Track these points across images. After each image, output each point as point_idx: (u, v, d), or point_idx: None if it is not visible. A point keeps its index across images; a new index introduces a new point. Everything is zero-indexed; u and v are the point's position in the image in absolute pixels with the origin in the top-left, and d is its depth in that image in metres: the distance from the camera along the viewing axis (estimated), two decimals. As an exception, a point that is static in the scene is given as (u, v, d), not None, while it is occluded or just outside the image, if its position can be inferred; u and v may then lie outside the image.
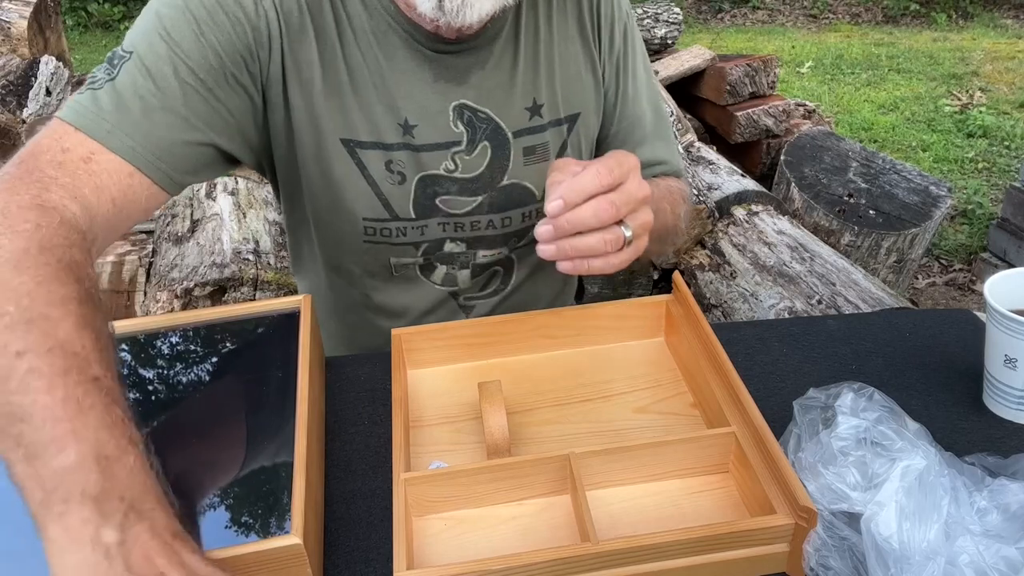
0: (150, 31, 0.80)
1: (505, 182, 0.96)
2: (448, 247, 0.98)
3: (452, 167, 0.93)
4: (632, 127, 1.06)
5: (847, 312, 1.93)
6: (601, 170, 0.72)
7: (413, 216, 0.94)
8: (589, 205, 0.72)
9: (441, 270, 1.01)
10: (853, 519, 0.61)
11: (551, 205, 0.72)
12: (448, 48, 0.89)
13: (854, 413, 0.65)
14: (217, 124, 0.83)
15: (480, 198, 0.96)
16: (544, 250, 0.75)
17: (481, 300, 1.06)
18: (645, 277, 2.45)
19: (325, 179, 0.92)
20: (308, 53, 0.86)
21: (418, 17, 0.85)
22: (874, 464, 0.61)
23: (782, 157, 2.93)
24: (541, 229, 0.74)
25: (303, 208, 0.97)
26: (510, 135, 0.95)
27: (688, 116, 3.19)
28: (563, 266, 0.76)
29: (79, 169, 0.74)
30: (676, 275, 0.92)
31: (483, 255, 1.01)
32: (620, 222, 0.74)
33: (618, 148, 0.98)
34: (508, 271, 1.06)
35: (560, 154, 1.00)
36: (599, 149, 1.06)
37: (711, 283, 2.29)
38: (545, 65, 0.95)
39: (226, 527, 0.63)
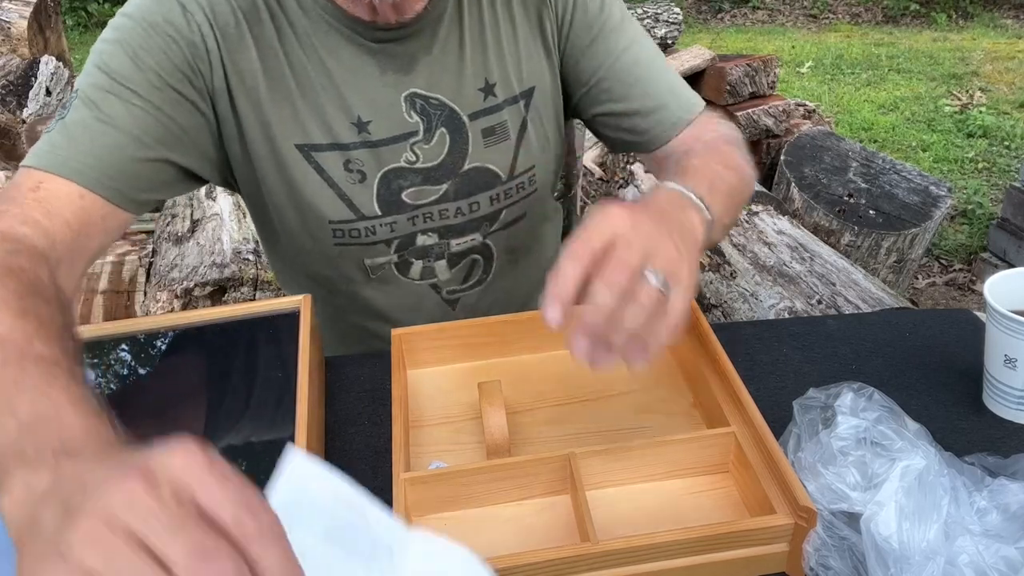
0: (91, 69, 0.83)
1: (467, 167, 0.95)
2: (420, 240, 0.98)
3: (413, 158, 0.93)
4: (629, 82, 0.97)
5: (847, 312, 1.93)
6: (578, 245, 0.59)
7: (379, 213, 0.94)
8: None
9: (418, 265, 1.00)
10: (853, 519, 0.61)
11: (549, 315, 0.58)
12: (390, 36, 0.88)
13: (854, 413, 0.65)
14: (169, 140, 0.84)
15: (444, 186, 0.95)
16: (580, 352, 0.61)
17: (465, 292, 1.06)
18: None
19: (286, 186, 0.92)
20: (249, 62, 0.86)
21: (355, 8, 0.85)
22: (874, 464, 0.61)
23: (782, 157, 2.93)
24: (575, 341, 0.60)
25: (271, 220, 0.98)
26: (465, 118, 0.94)
27: (688, 116, 3.19)
28: (605, 364, 0.61)
29: (27, 198, 0.76)
30: (676, 275, 0.92)
31: (456, 244, 1.00)
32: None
33: (619, 105, 0.96)
34: (487, 259, 1.05)
35: (521, 133, 0.97)
36: (603, 122, 1.01)
37: (711, 283, 2.29)
38: (493, 43, 0.94)
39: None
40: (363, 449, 0.80)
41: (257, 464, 0.70)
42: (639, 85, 0.97)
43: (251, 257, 2.10)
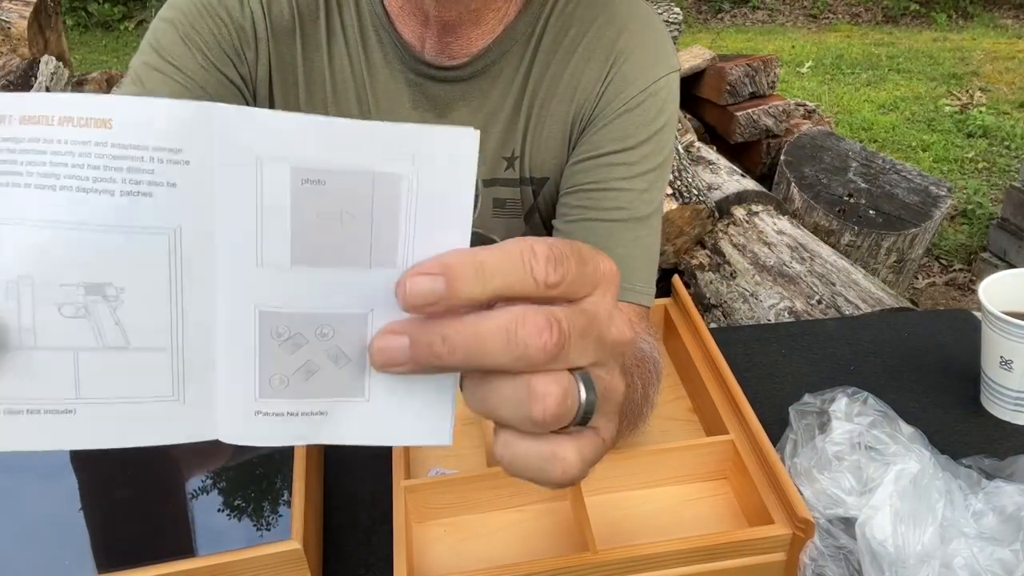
0: (144, 46, 0.83)
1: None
2: None
3: None
4: (599, 229, 0.83)
5: (847, 312, 1.94)
6: (541, 251, 0.35)
7: None
8: (503, 313, 0.34)
9: None
10: (849, 525, 0.62)
11: (415, 282, 0.34)
12: (433, 73, 0.85)
13: (848, 418, 0.66)
14: None
15: None
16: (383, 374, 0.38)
17: None
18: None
19: None
20: (294, 58, 0.85)
21: (408, 33, 0.83)
22: (868, 468, 0.62)
23: (782, 157, 2.93)
24: (382, 340, 0.36)
25: None
26: (480, 182, 0.89)
27: (688, 116, 3.19)
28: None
29: None
30: (675, 279, 0.92)
31: None
32: (571, 371, 0.36)
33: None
34: None
35: (528, 218, 0.91)
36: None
37: (711, 283, 2.29)
38: (535, 120, 0.87)
39: (226, 531, 0.64)
40: (364, 456, 0.80)
41: (257, 465, 0.70)
42: (606, 234, 0.83)
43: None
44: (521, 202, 0.91)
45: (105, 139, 0.33)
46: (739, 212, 2.47)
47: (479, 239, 0.91)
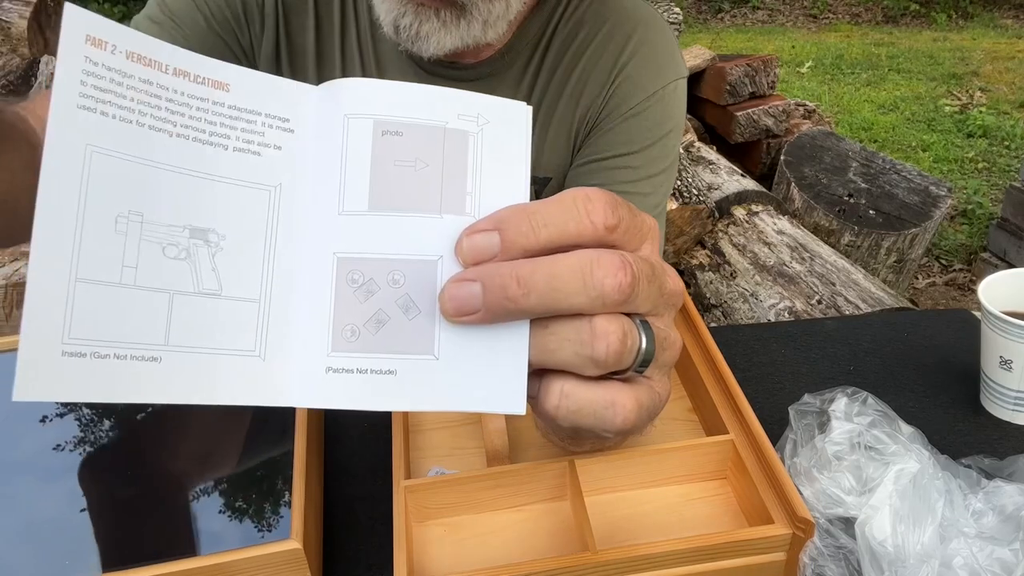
0: (151, 3, 0.83)
1: None
2: None
3: None
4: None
5: (847, 312, 1.94)
6: (597, 196, 0.36)
7: None
8: (578, 254, 0.35)
9: None
10: (849, 525, 0.62)
11: (471, 240, 0.35)
12: (442, 72, 0.85)
13: (848, 418, 0.66)
14: None
15: None
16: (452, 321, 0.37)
17: None
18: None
19: None
20: (305, 40, 0.85)
21: None
22: (868, 468, 0.62)
23: (782, 157, 2.93)
24: (453, 288, 0.35)
25: None
26: None
27: (688, 116, 3.19)
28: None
29: None
30: (674, 278, 0.92)
31: None
32: (630, 316, 0.37)
33: None
34: None
35: None
36: None
37: (711, 283, 2.29)
38: (542, 120, 0.87)
39: (225, 531, 0.64)
40: (363, 453, 0.80)
41: (257, 466, 0.70)
42: None
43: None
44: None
45: (223, 100, 0.36)
46: (739, 212, 2.47)
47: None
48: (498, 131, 0.37)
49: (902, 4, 6.40)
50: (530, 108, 0.39)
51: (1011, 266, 1.98)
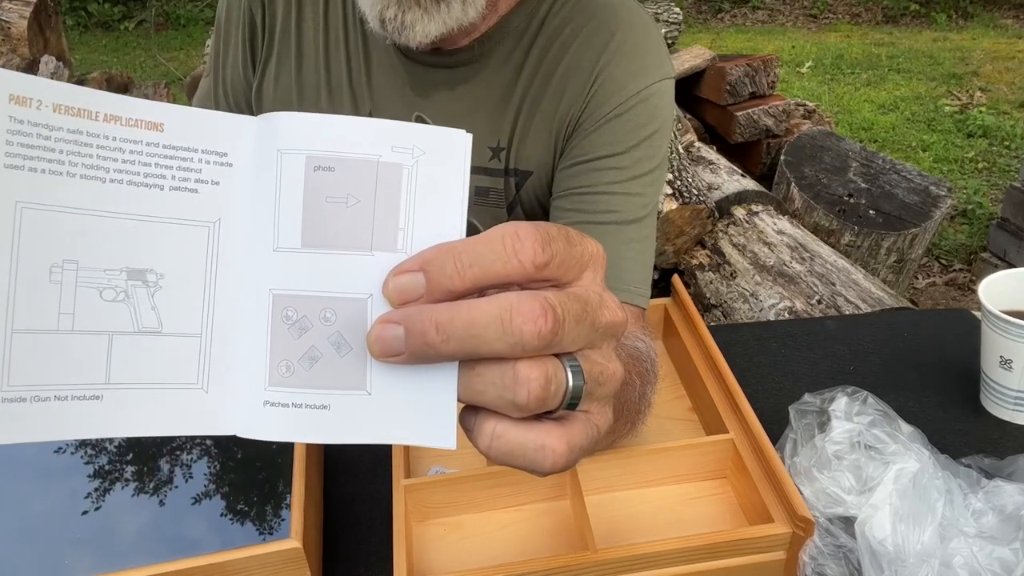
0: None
1: None
2: None
3: None
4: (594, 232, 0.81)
5: (847, 312, 1.94)
6: (526, 232, 0.35)
7: None
8: (496, 300, 0.34)
9: None
10: (849, 524, 0.62)
11: (396, 281, 0.36)
12: (421, 58, 0.85)
13: (848, 417, 0.66)
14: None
15: None
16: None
17: None
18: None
19: None
20: (288, 24, 0.88)
21: None
22: (868, 468, 0.62)
23: (782, 157, 2.93)
24: (379, 329, 0.36)
25: None
26: None
27: (688, 116, 3.19)
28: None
29: None
30: (675, 278, 0.92)
31: None
32: (558, 356, 0.36)
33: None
34: None
35: (511, 210, 0.90)
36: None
37: (711, 283, 2.29)
38: (526, 114, 0.86)
39: (226, 530, 0.64)
40: (364, 455, 0.80)
41: (255, 469, 0.70)
42: (598, 237, 0.81)
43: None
44: (504, 193, 0.91)
45: (157, 140, 0.36)
46: (739, 212, 2.47)
47: (474, 230, 0.91)
48: (434, 162, 0.37)
49: (902, 4, 6.40)
50: (469, 136, 0.37)
51: (1011, 266, 1.98)
